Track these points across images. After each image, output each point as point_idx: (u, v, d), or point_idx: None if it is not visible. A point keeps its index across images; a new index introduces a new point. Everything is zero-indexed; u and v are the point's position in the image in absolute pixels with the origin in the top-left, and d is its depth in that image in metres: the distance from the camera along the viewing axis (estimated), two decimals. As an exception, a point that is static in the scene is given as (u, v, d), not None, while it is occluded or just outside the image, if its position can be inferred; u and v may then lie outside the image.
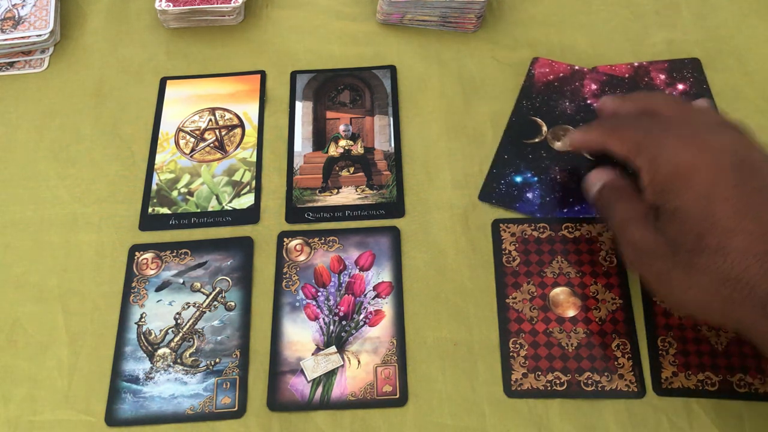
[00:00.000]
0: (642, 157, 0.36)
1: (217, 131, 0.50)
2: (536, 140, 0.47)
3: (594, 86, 0.49)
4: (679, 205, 0.33)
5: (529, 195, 0.45)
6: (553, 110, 0.48)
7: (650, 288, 0.36)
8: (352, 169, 0.47)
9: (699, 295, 0.33)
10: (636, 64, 0.50)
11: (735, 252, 0.31)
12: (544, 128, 0.47)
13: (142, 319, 0.42)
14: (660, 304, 0.41)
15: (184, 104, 0.51)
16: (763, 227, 0.31)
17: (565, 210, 0.44)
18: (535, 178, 0.45)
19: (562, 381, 0.39)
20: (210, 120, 0.50)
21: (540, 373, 0.39)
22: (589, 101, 0.48)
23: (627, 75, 0.49)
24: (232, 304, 0.43)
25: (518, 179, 0.45)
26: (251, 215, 0.46)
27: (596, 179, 0.39)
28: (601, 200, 0.39)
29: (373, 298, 0.42)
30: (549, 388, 0.39)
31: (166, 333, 0.42)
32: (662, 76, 0.49)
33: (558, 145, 0.46)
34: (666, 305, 0.41)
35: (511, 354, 0.40)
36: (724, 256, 0.31)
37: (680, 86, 0.48)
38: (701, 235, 0.32)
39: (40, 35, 0.53)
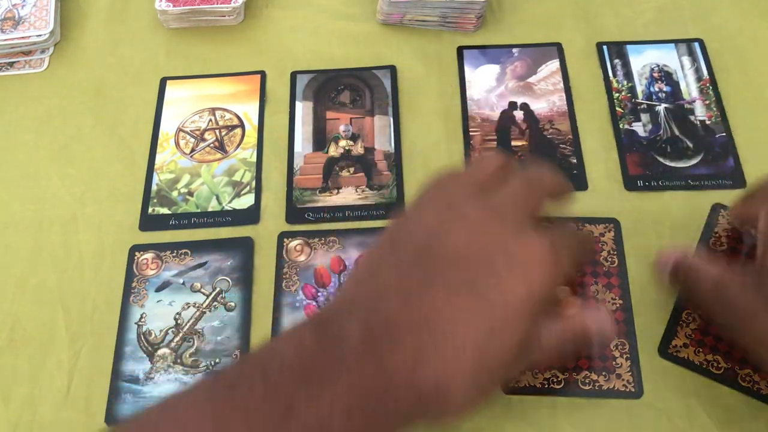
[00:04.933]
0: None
1: (217, 131, 0.50)
2: None
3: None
4: None
5: None
6: None
7: (755, 351, 0.34)
8: (352, 170, 0.47)
9: None
10: None
11: None
12: None
13: (142, 320, 0.42)
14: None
15: (184, 104, 0.51)
16: None
17: None
18: None
19: (559, 379, 0.39)
20: (210, 120, 0.50)
21: (537, 371, 0.39)
22: None
23: None
24: (232, 304, 0.43)
25: None
26: (251, 215, 0.46)
27: (666, 259, 0.38)
28: (679, 274, 0.37)
29: (373, 299, 0.42)
30: (546, 386, 0.39)
31: (166, 333, 0.42)
32: None
33: None
34: None
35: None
36: None
37: None
38: None
39: (40, 35, 0.53)
